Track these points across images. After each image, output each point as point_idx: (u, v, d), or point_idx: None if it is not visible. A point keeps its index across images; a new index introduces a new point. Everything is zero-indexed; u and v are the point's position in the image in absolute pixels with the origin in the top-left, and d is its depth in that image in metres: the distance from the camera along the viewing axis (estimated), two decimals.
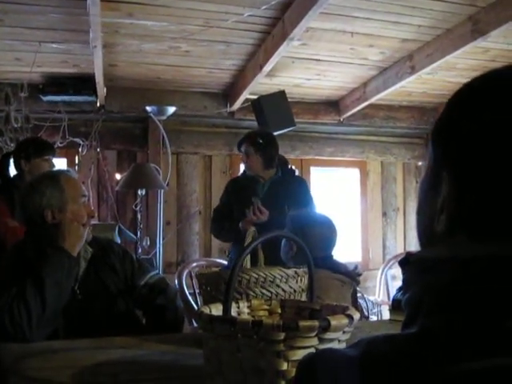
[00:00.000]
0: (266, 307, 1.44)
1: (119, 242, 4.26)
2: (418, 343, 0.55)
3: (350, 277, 2.66)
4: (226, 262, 4.10)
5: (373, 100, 5.24)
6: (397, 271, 4.60)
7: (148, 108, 5.06)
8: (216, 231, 3.91)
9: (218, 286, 1.63)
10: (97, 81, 4.51)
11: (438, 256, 0.62)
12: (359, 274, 2.72)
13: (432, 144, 0.69)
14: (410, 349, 0.55)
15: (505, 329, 0.52)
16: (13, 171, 3.63)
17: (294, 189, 3.73)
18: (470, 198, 0.61)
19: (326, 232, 2.73)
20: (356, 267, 2.75)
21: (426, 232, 0.70)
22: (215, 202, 4.10)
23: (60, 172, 2.39)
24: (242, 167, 4.03)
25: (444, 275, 0.59)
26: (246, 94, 4.98)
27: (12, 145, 4.27)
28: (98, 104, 5.11)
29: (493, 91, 0.63)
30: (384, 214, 6.36)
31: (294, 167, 4.15)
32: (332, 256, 2.75)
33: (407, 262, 0.67)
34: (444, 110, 0.69)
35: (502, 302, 0.54)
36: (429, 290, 0.60)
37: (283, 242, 2.68)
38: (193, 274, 3.91)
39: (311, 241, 2.64)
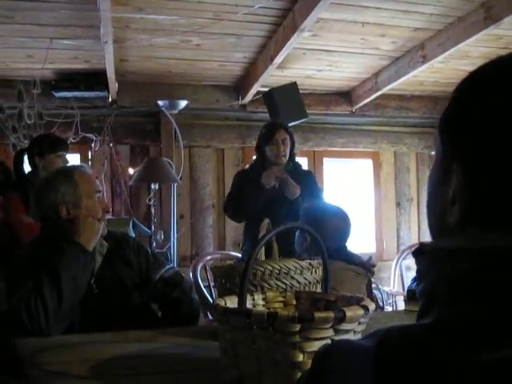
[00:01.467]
0: (280, 299, 1.45)
1: (133, 236, 4.29)
2: (432, 333, 0.55)
3: (365, 268, 2.66)
4: (240, 255, 4.11)
5: (385, 90, 5.21)
6: (411, 262, 4.59)
7: (160, 102, 5.07)
8: (236, 203, 3.77)
9: (233, 278, 1.64)
10: (108, 76, 4.53)
11: (452, 246, 0.62)
12: (373, 265, 2.72)
13: (440, 135, 0.68)
14: (424, 339, 0.55)
15: (508, 322, 0.52)
16: (27, 168, 3.65)
17: (306, 180, 3.75)
18: (482, 188, 0.61)
19: (340, 223, 2.73)
20: (370, 258, 2.75)
21: (437, 224, 0.69)
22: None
23: (74, 168, 2.40)
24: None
25: (459, 265, 0.59)
26: (258, 87, 4.98)
27: (26, 141, 4.30)
28: (110, 99, 5.13)
29: (500, 76, 0.62)
30: (398, 205, 6.33)
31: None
32: (346, 247, 2.76)
33: (421, 252, 0.67)
34: (451, 100, 0.68)
35: (510, 294, 0.54)
36: (443, 279, 0.60)
37: (297, 233, 2.69)
38: (207, 267, 3.92)
39: (325, 232, 2.64)
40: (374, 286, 2.86)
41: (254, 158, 3.98)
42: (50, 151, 3.54)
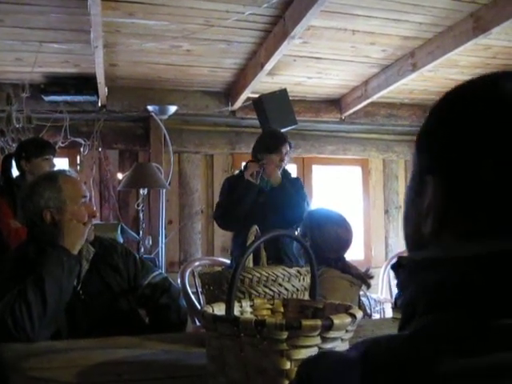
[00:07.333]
0: (268, 306, 1.44)
1: (122, 241, 4.27)
2: (410, 344, 0.56)
3: (361, 279, 2.65)
4: (228, 261, 4.10)
5: (374, 98, 5.23)
6: None
7: (149, 107, 5.06)
8: (225, 207, 3.82)
9: (221, 285, 1.63)
10: (98, 80, 4.51)
11: (429, 257, 0.63)
12: (371, 277, 2.71)
13: (416, 149, 0.70)
14: (403, 350, 0.55)
15: (490, 328, 0.53)
16: (15, 172, 3.64)
17: (292, 185, 3.78)
18: (457, 198, 0.62)
19: (342, 233, 2.73)
20: (367, 270, 2.74)
21: (413, 236, 0.71)
22: (217, 200, 4.07)
23: (59, 172, 2.37)
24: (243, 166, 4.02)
25: (435, 275, 0.60)
26: (248, 93, 4.98)
27: (14, 145, 4.28)
28: (100, 104, 5.11)
29: (475, 96, 0.65)
30: (386, 212, 6.36)
31: None
32: (345, 258, 2.75)
33: (399, 265, 0.68)
34: (427, 117, 0.70)
35: (489, 300, 0.55)
36: (422, 290, 0.61)
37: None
38: (195, 273, 3.91)
39: (326, 240, 2.65)
40: (361, 293, 2.86)
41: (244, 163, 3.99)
42: (36, 155, 3.53)
